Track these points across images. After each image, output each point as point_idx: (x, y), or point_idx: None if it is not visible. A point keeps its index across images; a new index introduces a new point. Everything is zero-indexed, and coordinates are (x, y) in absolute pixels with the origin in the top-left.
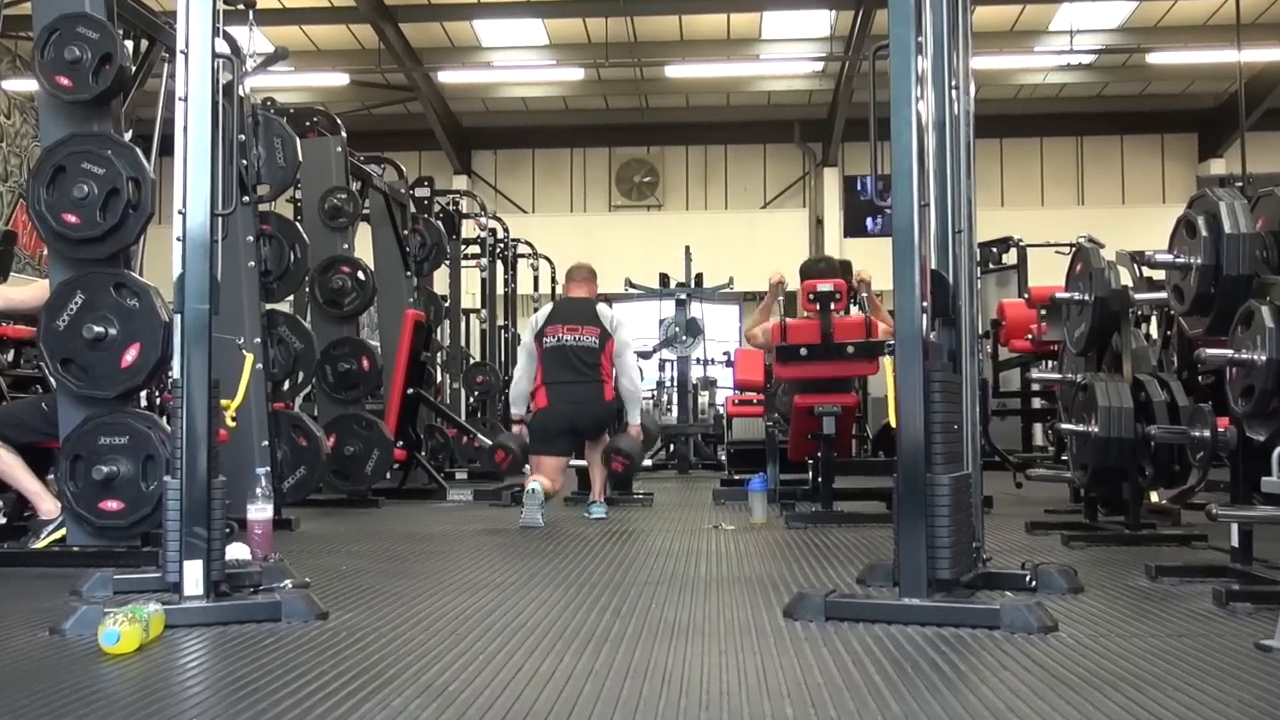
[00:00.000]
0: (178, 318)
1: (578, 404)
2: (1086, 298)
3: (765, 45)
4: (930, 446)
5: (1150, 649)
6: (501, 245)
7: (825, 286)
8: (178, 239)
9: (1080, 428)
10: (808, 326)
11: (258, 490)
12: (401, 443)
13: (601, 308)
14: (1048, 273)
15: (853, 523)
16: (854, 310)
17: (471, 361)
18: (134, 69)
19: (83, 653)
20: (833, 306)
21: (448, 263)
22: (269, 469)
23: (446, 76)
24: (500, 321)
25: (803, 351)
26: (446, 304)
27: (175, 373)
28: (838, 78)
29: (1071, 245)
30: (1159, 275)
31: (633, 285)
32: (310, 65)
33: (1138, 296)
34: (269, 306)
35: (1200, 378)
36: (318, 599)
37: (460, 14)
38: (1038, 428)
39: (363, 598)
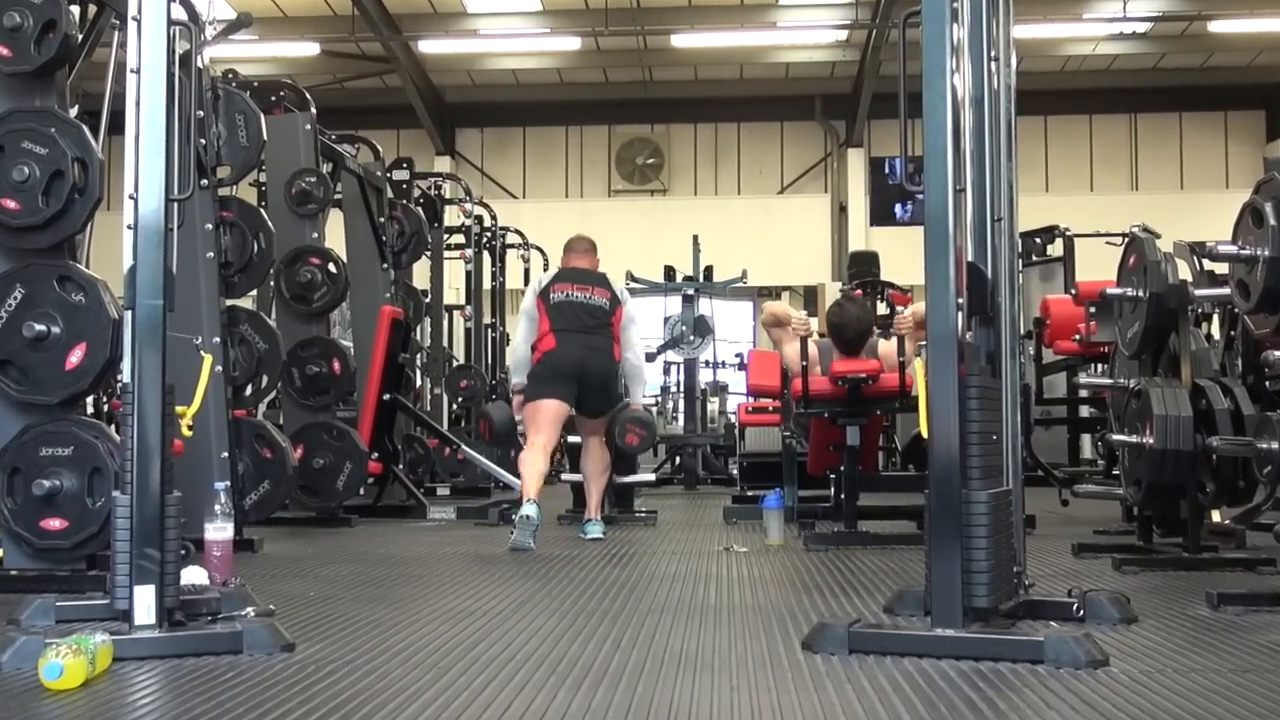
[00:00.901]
0: (128, 315)
1: (591, 350)
2: (1140, 294)
3: (783, 11)
4: (966, 459)
5: (1212, 686)
6: (488, 234)
7: (857, 374)
8: (128, 227)
9: (1133, 439)
10: (834, 390)
11: (217, 507)
12: (377, 454)
13: (610, 277)
14: (1097, 266)
15: (879, 544)
16: (883, 344)
17: (455, 364)
18: (80, 37)
19: (22, 688)
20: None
21: (428, 254)
22: (229, 484)
23: (428, 46)
24: (487, 319)
25: (830, 417)
26: (427, 300)
27: (125, 376)
28: (864, 48)
29: (1124, 235)
30: (1221, 269)
31: (634, 279)
32: (276, 33)
33: (1197, 293)
34: (230, 302)
35: (1268, 383)
36: (283, 629)
37: None
38: (1086, 439)
39: (333, 627)
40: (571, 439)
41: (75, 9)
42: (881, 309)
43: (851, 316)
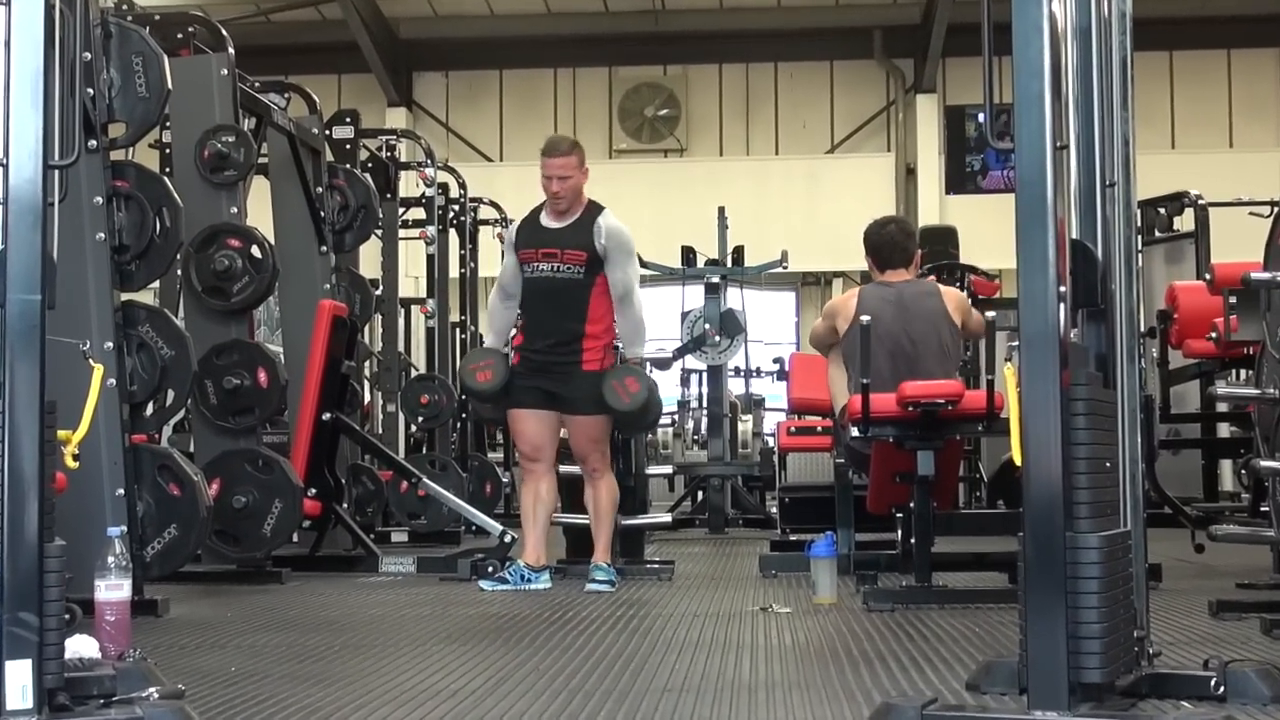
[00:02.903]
0: None
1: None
2: None
3: None
4: (1072, 493)
5: None
6: (456, 208)
7: (933, 398)
8: None
9: None
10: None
11: (110, 559)
12: (315, 490)
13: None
14: (1238, 243)
15: (960, 603)
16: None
17: (414, 373)
18: None
19: None
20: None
21: (379, 233)
22: (126, 529)
23: None
24: (455, 316)
25: (896, 440)
26: (378, 291)
27: None
28: None
29: (1273, 203)
30: None
31: (644, 264)
32: None
33: None
34: (125, 297)
35: None
36: (196, 715)
37: None
38: (1226, 465)
39: (260, 712)
40: (564, 468)
41: None
42: None
43: (894, 234)
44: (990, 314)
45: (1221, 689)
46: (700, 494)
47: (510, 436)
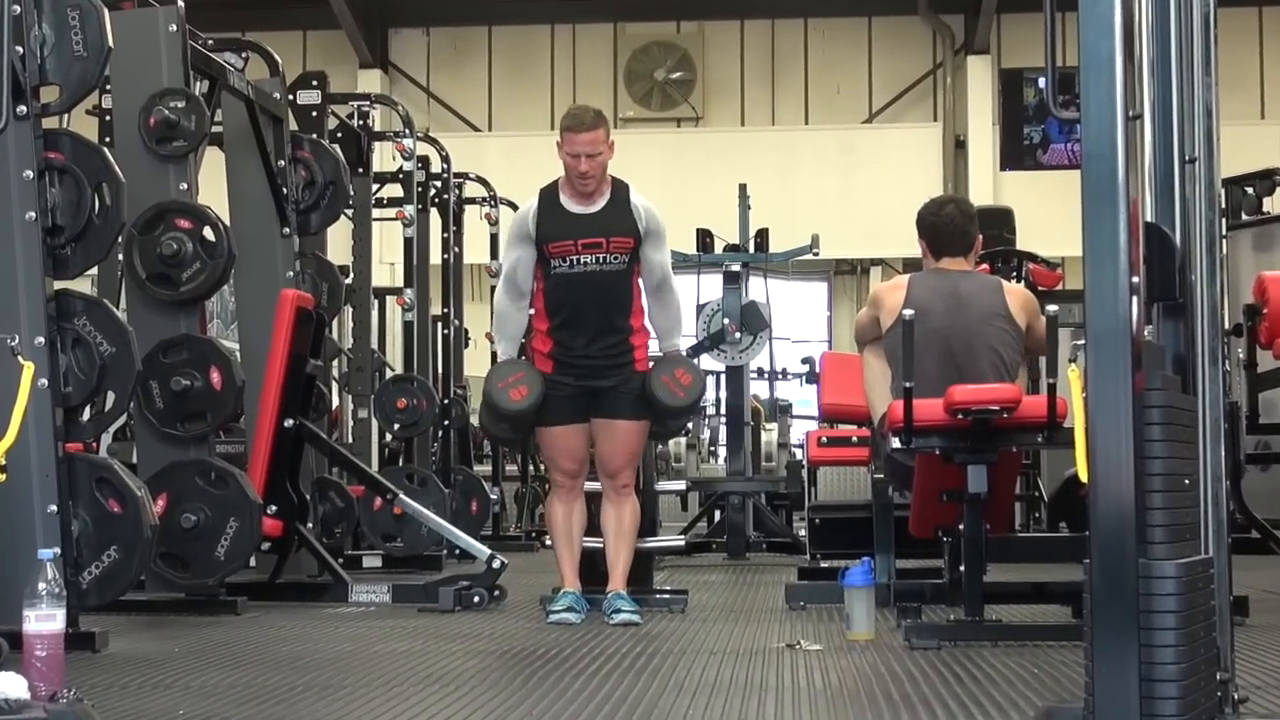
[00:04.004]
0: None
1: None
2: None
3: None
4: (1145, 514)
5: None
6: (438, 184)
7: (985, 405)
8: None
9: None
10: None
11: (41, 586)
12: (275, 508)
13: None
14: None
15: (1015, 639)
16: (1014, 290)
17: (390, 374)
18: None
19: None
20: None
21: (350, 213)
22: (59, 551)
23: None
24: (436, 309)
25: (943, 453)
26: (349, 280)
27: None
28: None
29: None
30: None
31: None
32: None
33: None
34: (60, 285)
35: None
36: None
37: None
38: None
39: None
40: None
41: None
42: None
43: (953, 215)
44: (1052, 308)
45: None
46: (717, 514)
47: (523, 452)
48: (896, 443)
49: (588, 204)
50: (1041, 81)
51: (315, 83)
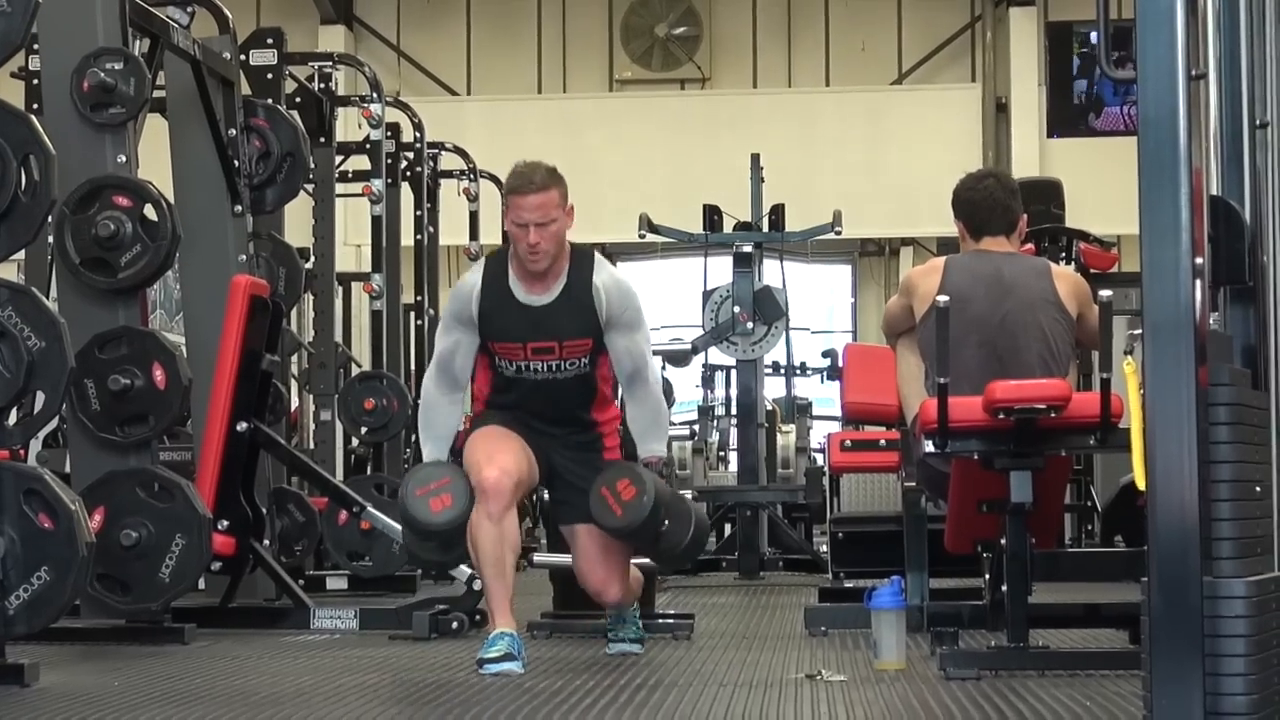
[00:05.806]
0: None
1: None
2: None
3: None
4: (1211, 526)
5: None
6: (410, 155)
7: (1030, 403)
8: None
9: None
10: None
11: None
12: (227, 523)
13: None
14: None
15: (1064, 668)
16: (1064, 274)
17: (356, 371)
18: None
19: None
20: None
21: (310, 188)
22: None
23: None
24: (408, 297)
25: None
26: (309, 264)
27: None
28: None
29: None
30: None
31: (654, 229)
32: None
33: None
34: None
35: None
36: None
37: None
38: None
39: None
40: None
41: None
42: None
43: (993, 190)
44: (1106, 294)
45: None
46: (728, 527)
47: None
48: (930, 446)
49: (539, 290)
50: (1094, 37)
51: (270, 41)
